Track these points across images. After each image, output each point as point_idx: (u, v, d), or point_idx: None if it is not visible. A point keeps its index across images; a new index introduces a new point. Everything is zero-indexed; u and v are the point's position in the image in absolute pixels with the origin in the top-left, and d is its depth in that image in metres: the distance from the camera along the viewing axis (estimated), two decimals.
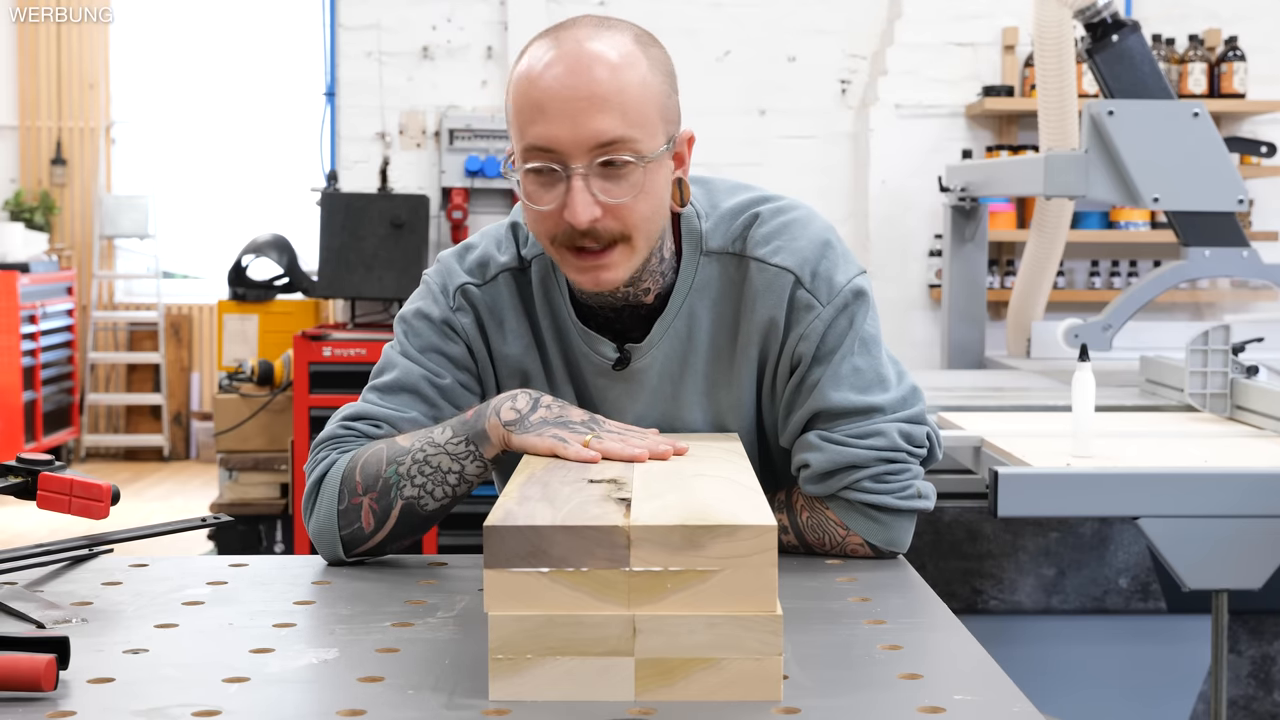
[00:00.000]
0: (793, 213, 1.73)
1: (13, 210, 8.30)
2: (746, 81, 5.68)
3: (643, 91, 1.59)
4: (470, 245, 1.81)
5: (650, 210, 1.62)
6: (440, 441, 1.64)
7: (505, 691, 1.18)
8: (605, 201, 1.59)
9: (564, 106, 1.56)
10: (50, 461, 1.69)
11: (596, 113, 1.56)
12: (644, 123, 1.59)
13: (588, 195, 1.58)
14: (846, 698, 1.21)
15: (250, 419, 5.40)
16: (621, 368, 1.74)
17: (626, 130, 1.57)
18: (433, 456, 1.64)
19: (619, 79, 1.57)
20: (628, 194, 1.59)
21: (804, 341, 1.70)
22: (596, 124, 1.56)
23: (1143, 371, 3.47)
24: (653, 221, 1.64)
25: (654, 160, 1.60)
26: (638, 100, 1.58)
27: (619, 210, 1.60)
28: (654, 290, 1.72)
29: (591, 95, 1.56)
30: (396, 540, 1.69)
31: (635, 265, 1.65)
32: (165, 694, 1.22)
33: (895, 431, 1.70)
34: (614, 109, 1.56)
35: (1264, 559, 2.37)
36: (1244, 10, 5.55)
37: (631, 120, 1.58)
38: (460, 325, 1.76)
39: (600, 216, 1.59)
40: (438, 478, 1.64)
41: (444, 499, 1.65)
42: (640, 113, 1.58)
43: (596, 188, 1.58)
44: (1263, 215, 5.54)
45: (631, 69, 1.59)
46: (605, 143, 1.57)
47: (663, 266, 1.71)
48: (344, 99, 5.69)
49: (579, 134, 1.56)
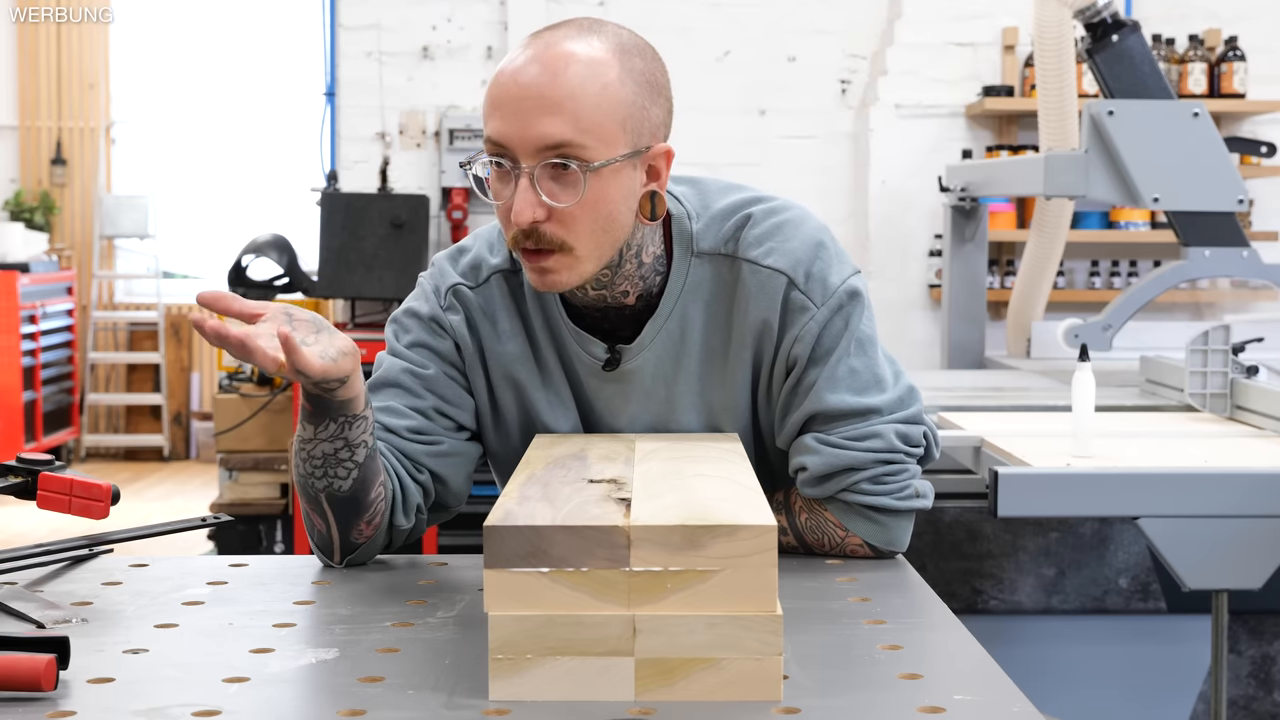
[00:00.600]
0: (785, 213, 1.73)
1: (13, 210, 8.30)
2: (746, 81, 5.68)
3: (601, 99, 1.57)
4: (463, 248, 1.81)
5: (596, 221, 1.61)
6: (308, 436, 1.62)
7: (505, 691, 1.18)
8: (549, 205, 1.58)
9: (515, 105, 1.57)
10: (50, 461, 1.69)
11: (545, 114, 1.56)
12: (596, 130, 1.57)
13: (531, 195, 1.58)
14: (846, 698, 1.21)
15: (250, 419, 5.40)
16: (611, 368, 1.74)
17: (575, 135, 1.56)
18: (313, 450, 1.62)
19: (574, 84, 1.56)
20: (570, 199, 1.58)
21: (799, 343, 1.69)
22: (543, 126, 1.56)
23: (1143, 371, 3.47)
24: (602, 233, 1.62)
25: (603, 169, 1.58)
26: (593, 108, 1.57)
27: (562, 216, 1.59)
28: (634, 293, 1.71)
29: (541, 97, 1.56)
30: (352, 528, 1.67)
31: (585, 274, 1.64)
32: (165, 694, 1.22)
33: (892, 433, 1.70)
34: (564, 113, 1.56)
35: (1264, 559, 2.37)
36: (1244, 10, 5.55)
37: (583, 126, 1.56)
38: (449, 323, 1.77)
39: (543, 219, 1.59)
40: (330, 465, 1.62)
41: (351, 471, 1.63)
42: (593, 120, 1.57)
43: (544, 190, 1.58)
44: (1263, 215, 5.54)
45: (595, 76, 1.57)
46: (550, 145, 1.56)
47: (642, 270, 1.70)
48: (344, 99, 5.69)
49: (525, 134, 1.56)
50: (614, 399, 1.75)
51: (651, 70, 1.63)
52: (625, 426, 1.76)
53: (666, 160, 1.66)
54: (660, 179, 1.66)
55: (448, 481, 1.76)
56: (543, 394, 1.76)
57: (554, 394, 1.76)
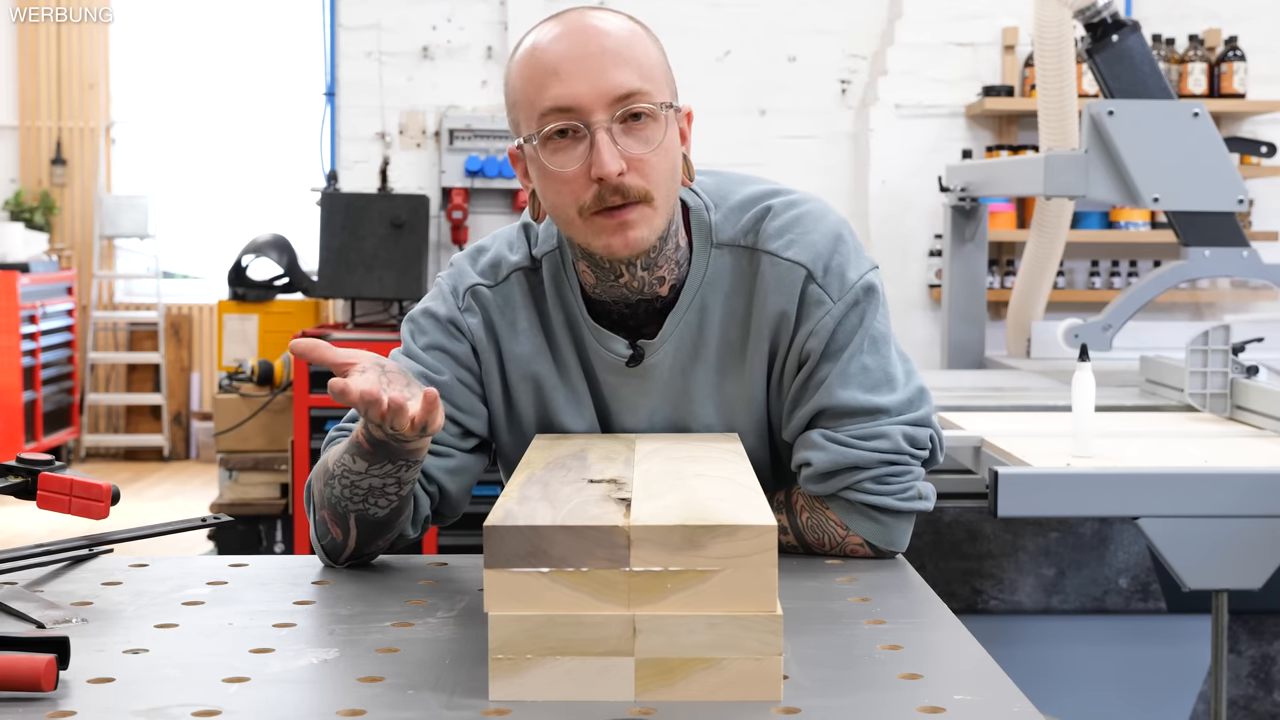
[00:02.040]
0: (805, 205, 1.73)
1: (13, 210, 8.30)
2: (746, 81, 5.68)
3: (648, 50, 1.63)
4: (482, 247, 1.81)
5: (669, 168, 1.64)
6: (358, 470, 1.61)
7: (505, 691, 1.18)
8: (629, 154, 1.59)
9: (580, 64, 1.58)
10: (50, 461, 1.69)
11: (613, 66, 1.58)
12: (655, 78, 1.62)
13: (613, 147, 1.58)
14: (846, 698, 1.21)
15: (250, 419, 5.40)
16: (635, 364, 1.74)
17: (642, 84, 1.60)
18: (358, 482, 1.62)
19: (627, 35, 1.61)
20: (649, 147, 1.60)
21: (814, 337, 1.69)
22: (615, 76, 1.58)
23: (1143, 371, 3.47)
24: (672, 181, 1.65)
25: (669, 114, 1.62)
26: (647, 58, 1.62)
27: (642, 165, 1.60)
28: (669, 280, 1.71)
29: (605, 50, 1.59)
30: (369, 544, 1.68)
31: (657, 229, 1.65)
32: (165, 694, 1.22)
33: (899, 434, 1.70)
34: (629, 62, 1.59)
35: (1264, 559, 2.37)
36: (1244, 10, 5.55)
37: (645, 74, 1.60)
38: (466, 325, 1.76)
39: (625, 170, 1.59)
40: (374, 495, 1.63)
41: (390, 504, 1.64)
42: (651, 69, 1.62)
43: (620, 142, 1.59)
44: (1263, 215, 5.54)
45: (636, 36, 1.63)
46: (625, 94, 1.59)
47: (678, 255, 1.71)
48: (344, 99, 5.69)
49: (599, 87, 1.58)
50: (633, 394, 1.75)
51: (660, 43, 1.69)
52: (643, 421, 1.76)
53: (689, 120, 1.71)
54: (687, 141, 1.70)
55: (450, 494, 1.76)
56: (561, 392, 1.76)
57: (571, 392, 1.76)
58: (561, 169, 1.60)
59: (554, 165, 1.60)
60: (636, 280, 1.69)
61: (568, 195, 1.62)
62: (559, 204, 1.64)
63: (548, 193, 1.64)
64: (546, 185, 1.63)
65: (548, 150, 1.61)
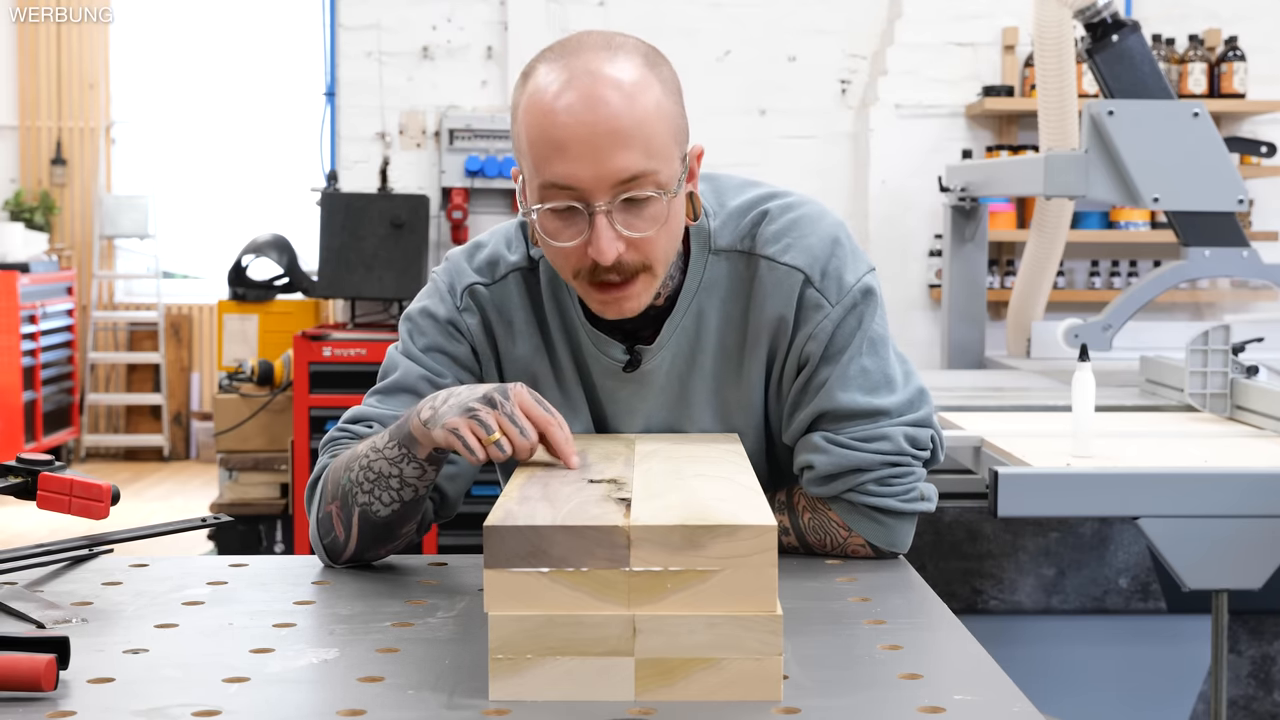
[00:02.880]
0: (802, 209, 1.73)
1: (13, 210, 8.30)
2: (746, 81, 5.68)
3: (659, 119, 1.56)
4: (480, 244, 1.80)
5: (669, 240, 1.62)
6: (380, 447, 1.61)
7: (505, 691, 1.18)
8: (628, 236, 1.57)
9: (584, 145, 1.52)
10: (50, 461, 1.69)
11: (619, 149, 1.52)
12: (663, 152, 1.56)
13: (611, 232, 1.56)
14: (846, 698, 1.21)
15: (250, 419, 5.40)
16: (632, 369, 1.73)
17: (648, 164, 1.54)
18: (374, 463, 1.62)
19: (636, 110, 1.54)
20: (651, 227, 1.58)
21: (812, 341, 1.69)
22: (619, 161, 1.53)
23: (1143, 371, 3.47)
24: (672, 248, 1.64)
25: (674, 194, 1.59)
26: (655, 130, 1.55)
27: (641, 244, 1.58)
28: (664, 293, 1.71)
29: (612, 131, 1.52)
30: (370, 548, 1.67)
31: (655, 288, 1.65)
32: (165, 694, 1.22)
33: (900, 435, 1.70)
34: (635, 143, 1.53)
35: (1264, 559, 2.37)
36: (1244, 10, 5.55)
37: (652, 151, 1.55)
38: (465, 326, 1.76)
39: (623, 251, 1.57)
40: (381, 483, 1.62)
41: (392, 504, 1.63)
42: (660, 142, 1.55)
43: (619, 222, 1.56)
44: (1263, 215, 5.54)
45: (646, 96, 1.55)
46: (627, 179, 1.54)
47: (672, 269, 1.71)
48: (344, 99, 5.69)
49: (601, 172, 1.53)
50: (630, 399, 1.75)
51: (674, 74, 1.63)
52: (640, 425, 1.76)
53: (698, 160, 1.67)
54: (694, 179, 1.67)
55: (448, 496, 1.76)
56: (556, 394, 1.75)
57: (567, 395, 1.76)
58: (559, 243, 1.59)
59: (552, 239, 1.59)
60: None
61: (564, 263, 1.61)
62: (556, 265, 1.64)
63: (545, 250, 1.64)
64: (544, 246, 1.62)
65: (547, 219, 1.59)
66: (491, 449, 1.49)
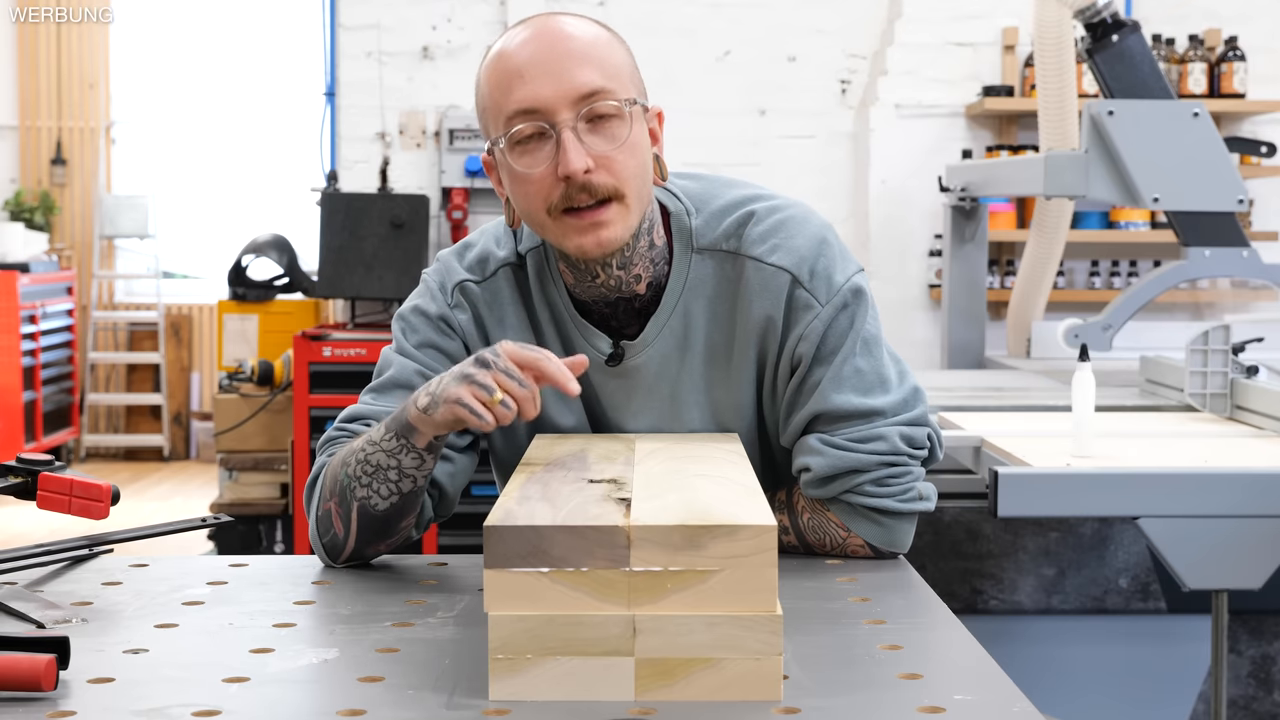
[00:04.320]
0: (788, 210, 1.73)
1: (13, 210, 8.30)
2: (746, 81, 5.68)
3: (613, 50, 1.65)
4: (469, 243, 1.81)
5: (637, 164, 1.64)
6: (377, 440, 1.62)
7: (505, 691, 1.18)
8: (595, 152, 1.60)
9: (543, 66, 1.60)
10: (50, 461, 1.69)
11: (576, 66, 1.60)
12: (619, 76, 1.63)
13: (579, 145, 1.60)
14: (846, 698, 1.21)
15: (250, 419, 5.40)
16: (615, 364, 1.74)
17: (605, 81, 1.61)
18: (372, 456, 1.62)
19: (591, 38, 1.63)
20: (614, 144, 1.61)
21: (804, 342, 1.69)
22: (578, 75, 1.60)
23: (1143, 371, 3.46)
24: (642, 179, 1.65)
25: (636, 109, 1.63)
26: (610, 57, 1.63)
27: (609, 162, 1.61)
28: (645, 279, 1.71)
29: (569, 51, 1.61)
30: (369, 544, 1.67)
31: (631, 226, 1.65)
32: (165, 694, 1.22)
33: (896, 435, 1.70)
34: (591, 61, 1.61)
35: (1264, 559, 2.37)
36: (1244, 10, 5.55)
37: (609, 73, 1.62)
38: (457, 322, 1.76)
39: (593, 168, 1.60)
40: (380, 476, 1.62)
41: (391, 496, 1.63)
42: (615, 67, 1.63)
43: (585, 140, 1.60)
44: (1263, 215, 5.54)
45: (600, 36, 1.65)
46: (588, 93, 1.60)
47: (653, 254, 1.71)
48: (344, 99, 5.69)
49: (561, 87, 1.59)
50: (618, 395, 1.75)
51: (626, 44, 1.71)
52: (630, 423, 1.76)
53: (660, 121, 1.72)
54: (658, 142, 1.71)
55: (448, 495, 1.76)
56: (549, 389, 1.76)
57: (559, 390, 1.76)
58: (529, 170, 1.61)
59: (521, 167, 1.62)
60: (613, 279, 1.69)
61: (536, 196, 1.63)
62: (529, 207, 1.65)
63: (517, 195, 1.65)
64: (516, 187, 1.64)
65: (515, 153, 1.62)
66: (498, 409, 1.50)
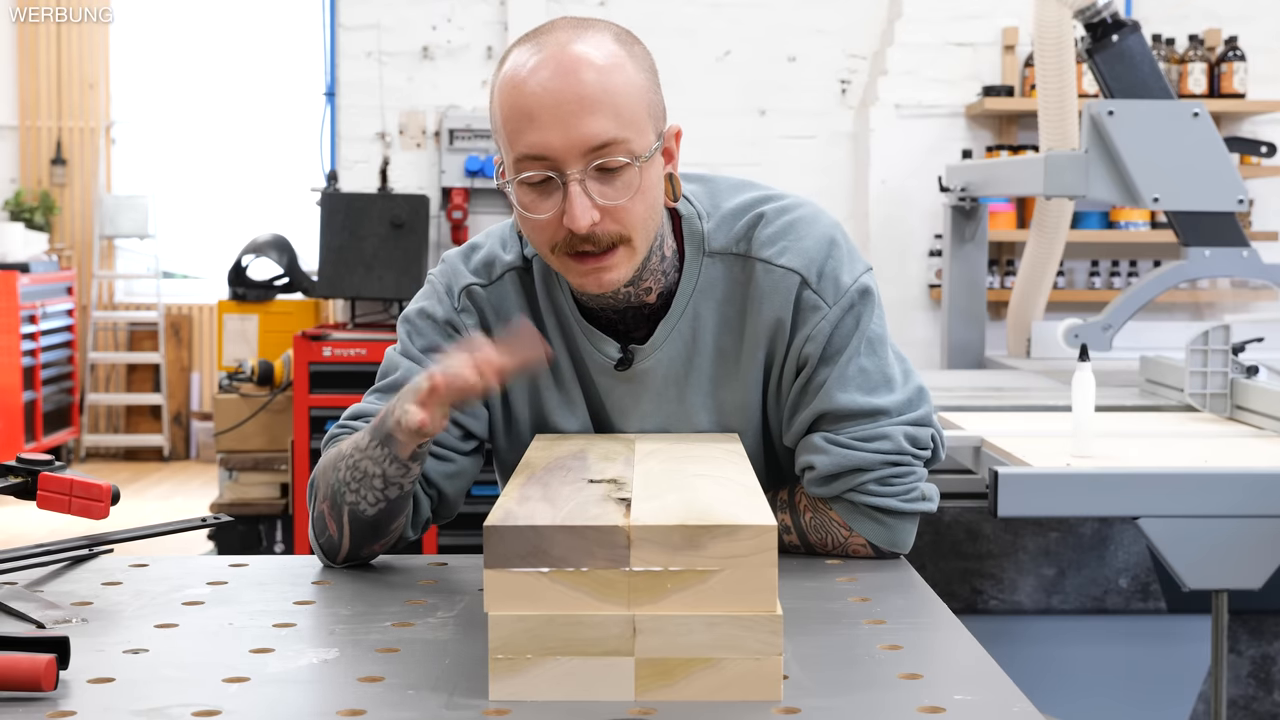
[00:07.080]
0: (798, 211, 1.73)
1: (13, 210, 8.30)
2: (746, 81, 5.68)
3: (630, 91, 1.58)
4: (475, 245, 1.80)
5: (646, 209, 1.62)
6: (363, 446, 1.61)
7: (505, 691, 1.18)
8: (602, 204, 1.58)
9: (554, 112, 1.54)
10: (50, 461, 1.69)
11: (588, 115, 1.54)
12: (635, 122, 1.58)
13: (585, 200, 1.57)
14: (846, 698, 1.21)
15: (250, 419, 5.40)
16: (624, 368, 1.73)
17: (619, 131, 1.56)
18: (359, 462, 1.62)
19: (606, 80, 1.56)
20: (624, 195, 1.58)
21: (810, 342, 1.69)
22: (588, 127, 1.55)
23: (1143, 371, 3.46)
24: (650, 220, 1.63)
25: (647, 160, 1.60)
26: (627, 100, 1.57)
27: (617, 212, 1.59)
28: (655, 290, 1.71)
29: (581, 98, 1.54)
30: (363, 546, 1.67)
31: (636, 264, 1.65)
32: (165, 694, 1.22)
33: (900, 434, 1.70)
34: (605, 110, 1.55)
35: (1264, 559, 2.37)
36: (1244, 10, 5.55)
37: (623, 121, 1.56)
38: (464, 326, 1.76)
39: (599, 220, 1.58)
40: (366, 483, 1.62)
41: (378, 503, 1.62)
42: (631, 112, 1.57)
43: (593, 191, 1.57)
44: (1263, 215, 5.54)
45: (618, 69, 1.58)
46: (599, 145, 1.55)
47: (664, 265, 1.71)
48: (344, 99, 5.69)
49: (571, 138, 1.55)
50: (625, 399, 1.75)
51: (648, 54, 1.65)
52: (635, 426, 1.76)
53: (677, 139, 1.68)
54: (673, 160, 1.68)
55: (448, 497, 1.76)
56: (554, 393, 1.76)
57: (565, 393, 1.76)
58: (535, 215, 1.60)
59: (528, 211, 1.60)
60: (622, 294, 1.69)
61: (542, 235, 1.62)
62: (534, 240, 1.65)
63: (524, 227, 1.64)
64: (523, 222, 1.63)
65: (523, 192, 1.60)
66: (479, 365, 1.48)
